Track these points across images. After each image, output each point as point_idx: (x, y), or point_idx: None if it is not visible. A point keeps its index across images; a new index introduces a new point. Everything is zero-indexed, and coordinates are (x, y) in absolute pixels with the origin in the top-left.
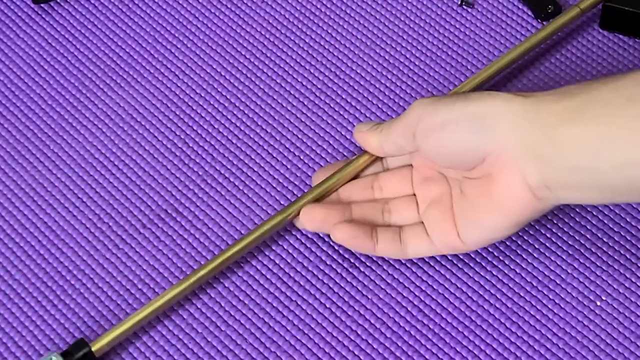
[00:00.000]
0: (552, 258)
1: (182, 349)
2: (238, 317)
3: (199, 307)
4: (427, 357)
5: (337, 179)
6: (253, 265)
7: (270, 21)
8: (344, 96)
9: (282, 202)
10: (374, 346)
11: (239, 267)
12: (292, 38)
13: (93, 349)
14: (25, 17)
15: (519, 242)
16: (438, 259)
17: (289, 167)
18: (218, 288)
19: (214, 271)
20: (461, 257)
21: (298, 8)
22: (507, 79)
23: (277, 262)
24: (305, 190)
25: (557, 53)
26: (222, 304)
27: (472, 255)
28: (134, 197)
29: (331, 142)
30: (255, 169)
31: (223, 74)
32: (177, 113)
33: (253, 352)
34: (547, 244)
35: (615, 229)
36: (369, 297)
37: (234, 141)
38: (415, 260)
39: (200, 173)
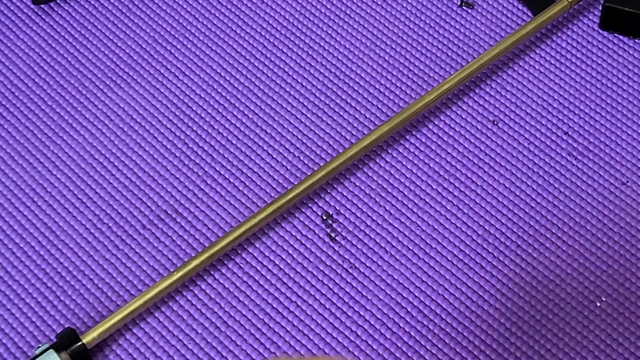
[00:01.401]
0: (552, 258)
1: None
2: (238, 318)
3: (199, 309)
4: (427, 357)
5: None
6: (253, 266)
7: (270, 22)
8: (343, 97)
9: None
10: (374, 346)
11: (239, 268)
12: (292, 39)
13: (84, 340)
14: (25, 18)
15: (519, 243)
16: (438, 259)
17: (288, 167)
18: (217, 288)
19: (204, 263)
20: (461, 257)
21: (298, 9)
22: (507, 80)
23: (276, 262)
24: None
25: (557, 54)
26: (222, 304)
27: (472, 256)
28: (134, 198)
29: (331, 142)
30: (255, 170)
31: (223, 74)
32: (177, 114)
33: (253, 353)
34: (546, 244)
35: (615, 229)
36: (369, 297)
37: (234, 142)
38: (415, 261)
39: (200, 174)
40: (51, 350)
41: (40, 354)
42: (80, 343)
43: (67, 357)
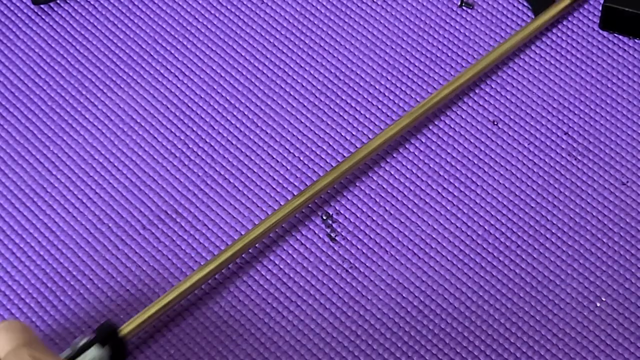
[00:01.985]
0: (552, 258)
1: (183, 349)
2: (238, 318)
3: (199, 307)
4: (427, 357)
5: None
6: (253, 265)
7: (270, 22)
8: (343, 97)
9: (281, 203)
10: (374, 347)
11: (239, 268)
12: (292, 39)
13: (123, 332)
14: (25, 18)
15: (519, 243)
16: (437, 259)
17: (288, 168)
18: (218, 288)
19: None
20: (461, 257)
21: (298, 9)
22: (507, 80)
23: (276, 262)
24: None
25: (557, 54)
26: (222, 304)
27: (472, 256)
28: (134, 199)
29: (331, 143)
30: (255, 170)
31: (223, 75)
32: (177, 114)
33: (253, 353)
34: (546, 244)
35: (615, 230)
36: (369, 297)
37: (234, 142)
38: (414, 261)
39: (200, 174)
40: (96, 344)
41: (83, 347)
42: (118, 336)
43: (108, 350)
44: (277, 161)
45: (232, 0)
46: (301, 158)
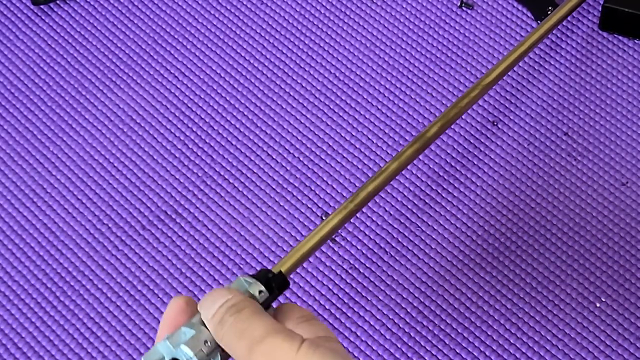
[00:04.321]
0: (552, 259)
1: None
2: None
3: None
4: (427, 357)
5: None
6: (252, 266)
7: (270, 23)
8: (343, 97)
9: (280, 203)
10: (374, 347)
11: (239, 269)
12: (292, 40)
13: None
14: (24, 19)
15: (519, 243)
16: (437, 259)
17: (288, 168)
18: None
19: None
20: (461, 258)
21: (298, 10)
22: (507, 80)
23: (276, 263)
24: (304, 191)
25: (557, 54)
26: None
27: (472, 257)
28: (134, 199)
29: (330, 143)
30: (255, 170)
31: (222, 75)
32: (177, 115)
33: None
34: (546, 245)
35: (615, 230)
36: (369, 298)
37: (233, 142)
38: (414, 262)
39: (200, 175)
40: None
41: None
42: (277, 272)
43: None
44: (277, 161)
45: (231, 1)
46: (301, 158)
